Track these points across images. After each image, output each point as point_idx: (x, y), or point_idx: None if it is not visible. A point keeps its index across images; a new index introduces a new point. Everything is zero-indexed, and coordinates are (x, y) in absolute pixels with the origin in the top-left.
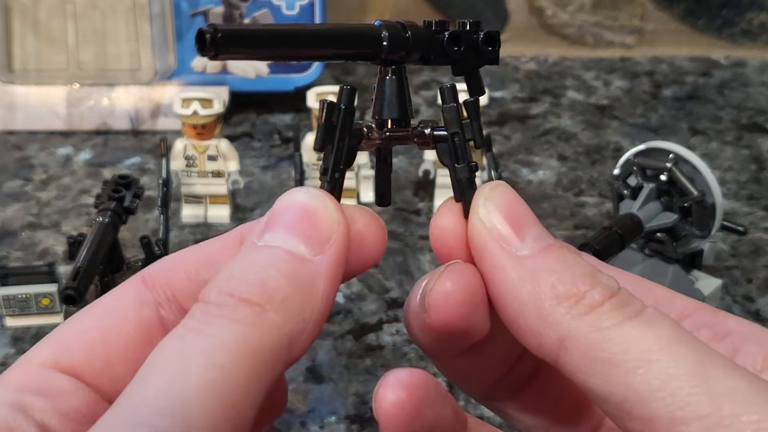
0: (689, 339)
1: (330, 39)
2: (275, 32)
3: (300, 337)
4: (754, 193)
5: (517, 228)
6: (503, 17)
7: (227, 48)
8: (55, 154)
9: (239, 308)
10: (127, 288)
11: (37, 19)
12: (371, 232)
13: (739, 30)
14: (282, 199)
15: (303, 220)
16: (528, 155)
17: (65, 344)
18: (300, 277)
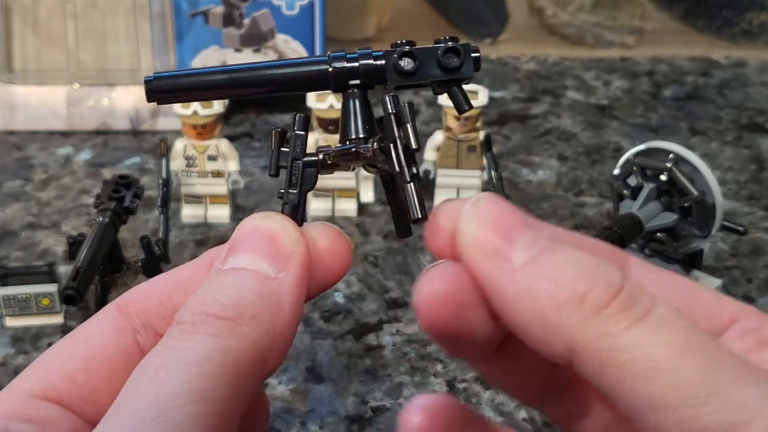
0: (702, 344)
1: (273, 82)
2: (207, 80)
3: (273, 349)
4: (754, 193)
5: (505, 239)
6: (503, 17)
7: (161, 95)
8: (55, 154)
9: (214, 324)
10: (104, 316)
11: (37, 19)
12: (336, 250)
13: (739, 30)
14: (242, 225)
15: (264, 242)
16: (528, 155)
17: (49, 373)
18: (267, 294)
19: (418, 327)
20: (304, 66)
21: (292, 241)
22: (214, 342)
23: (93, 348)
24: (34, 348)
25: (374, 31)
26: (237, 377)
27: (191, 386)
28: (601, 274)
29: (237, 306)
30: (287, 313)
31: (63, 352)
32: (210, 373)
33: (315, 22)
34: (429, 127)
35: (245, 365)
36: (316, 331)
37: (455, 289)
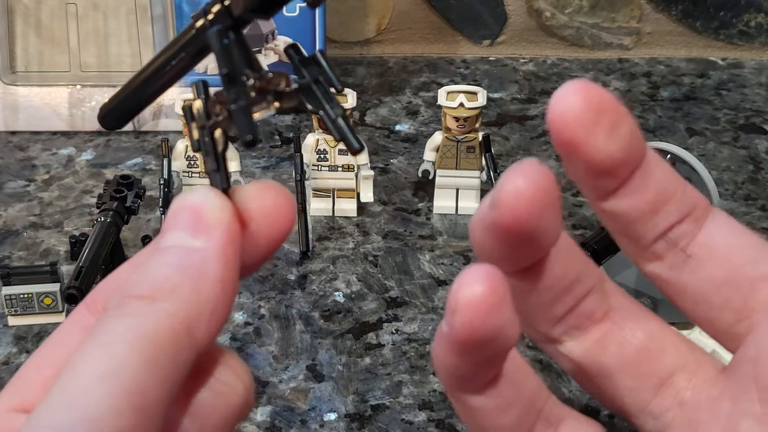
0: None
1: (167, 64)
2: (133, 91)
3: (199, 321)
4: (751, 194)
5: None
6: (502, 19)
7: (109, 121)
8: (58, 154)
9: (131, 304)
10: (73, 318)
11: (40, 21)
12: (271, 209)
13: (736, 32)
14: (173, 204)
15: (187, 215)
16: (526, 156)
17: (25, 385)
18: (188, 266)
19: (417, 327)
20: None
21: (215, 209)
22: (128, 321)
23: (64, 351)
24: (36, 347)
25: (374, 32)
26: (156, 353)
27: (100, 368)
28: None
29: (154, 282)
30: (212, 281)
31: (36, 360)
32: (122, 353)
33: (315, 23)
34: (428, 127)
35: (165, 341)
36: (316, 330)
37: (547, 188)
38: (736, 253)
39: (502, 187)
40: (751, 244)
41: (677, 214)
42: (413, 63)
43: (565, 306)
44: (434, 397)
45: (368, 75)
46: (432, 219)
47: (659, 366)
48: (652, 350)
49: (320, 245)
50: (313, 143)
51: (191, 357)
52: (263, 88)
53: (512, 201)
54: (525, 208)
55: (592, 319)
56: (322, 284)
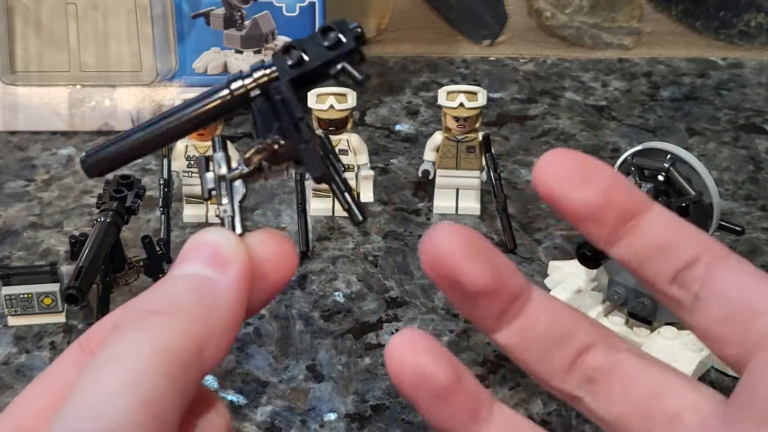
0: None
1: (190, 123)
2: (130, 145)
3: (209, 342)
4: (752, 193)
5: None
6: (502, 19)
7: (95, 169)
8: (57, 154)
9: (147, 319)
10: (67, 356)
11: (39, 21)
12: (278, 257)
13: (736, 31)
14: (191, 239)
15: (205, 250)
16: (526, 156)
17: (21, 413)
18: (204, 291)
19: (417, 326)
20: (209, 100)
21: (232, 247)
22: (145, 335)
23: (58, 384)
24: (36, 347)
25: (374, 32)
26: (170, 366)
27: (119, 379)
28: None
29: (170, 300)
30: (225, 308)
31: (31, 391)
32: (140, 366)
33: (315, 23)
34: (428, 127)
35: (178, 355)
36: (316, 330)
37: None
38: (736, 291)
39: (424, 242)
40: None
41: (684, 259)
42: (413, 63)
43: (564, 359)
44: None
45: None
46: (432, 219)
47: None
48: (658, 394)
49: (320, 245)
50: None
51: (199, 376)
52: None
53: (429, 256)
54: (441, 262)
55: (600, 372)
56: (322, 284)
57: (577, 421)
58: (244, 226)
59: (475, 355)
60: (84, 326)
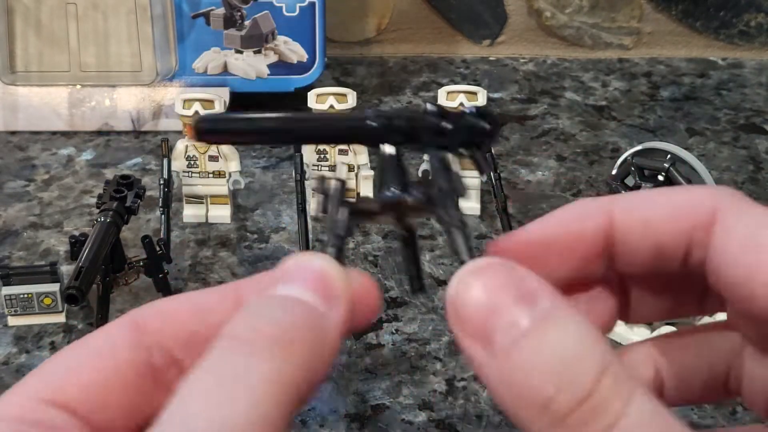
0: None
1: (320, 125)
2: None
3: (314, 380)
4: (752, 194)
5: (486, 323)
6: (502, 19)
7: (209, 136)
8: (57, 154)
9: (270, 345)
10: (119, 330)
11: (39, 21)
12: (369, 297)
13: (736, 32)
14: (295, 259)
15: (315, 278)
16: (526, 156)
17: (59, 382)
18: (316, 326)
19: (417, 327)
20: (346, 122)
21: (341, 281)
22: (272, 365)
23: (107, 361)
24: (36, 347)
25: (374, 32)
26: (288, 404)
27: (249, 406)
28: (572, 374)
29: (290, 331)
30: (329, 347)
31: (73, 360)
32: (267, 397)
33: (315, 23)
34: None
35: (294, 392)
36: None
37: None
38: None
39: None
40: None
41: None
42: (413, 63)
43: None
44: (434, 397)
45: (368, 75)
46: (432, 219)
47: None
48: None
49: (320, 245)
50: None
51: (295, 412)
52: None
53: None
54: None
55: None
56: None
57: None
58: (342, 258)
59: None
60: (84, 326)
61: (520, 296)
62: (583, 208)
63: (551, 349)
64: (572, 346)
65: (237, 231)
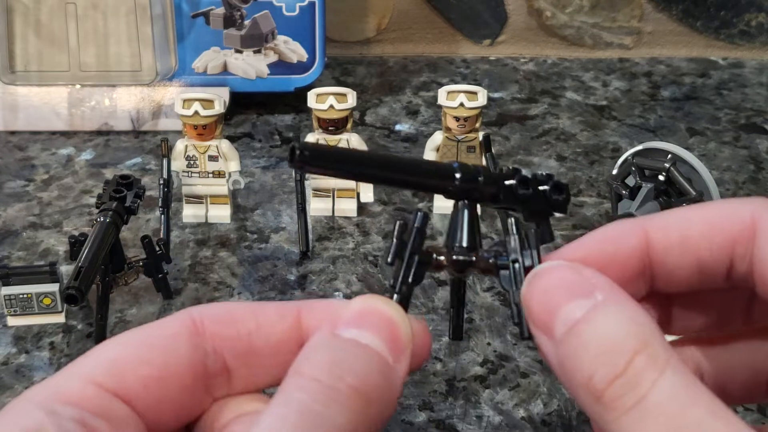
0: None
1: (409, 172)
2: (354, 157)
3: (380, 428)
4: (752, 193)
5: (548, 315)
6: (502, 18)
7: (310, 163)
8: (57, 154)
9: (350, 396)
10: (180, 328)
11: (39, 20)
12: (424, 342)
13: (737, 31)
14: (366, 302)
15: (386, 327)
16: (527, 155)
17: (122, 372)
18: (388, 380)
19: None
20: (433, 174)
21: (408, 333)
22: (351, 417)
23: (168, 358)
24: (35, 347)
25: (374, 32)
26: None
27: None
28: (610, 355)
29: (368, 384)
30: (394, 399)
31: (136, 353)
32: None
33: (315, 23)
34: (428, 127)
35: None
36: None
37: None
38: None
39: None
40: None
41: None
42: (413, 63)
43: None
44: (434, 397)
45: (368, 75)
46: (432, 219)
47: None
48: None
49: (320, 245)
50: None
51: None
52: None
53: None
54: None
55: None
56: (322, 284)
57: (577, 421)
58: (407, 307)
59: (475, 355)
60: (84, 326)
61: (577, 291)
62: (617, 230)
63: (596, 334)
64: (613, 330)
65: (237, 231)
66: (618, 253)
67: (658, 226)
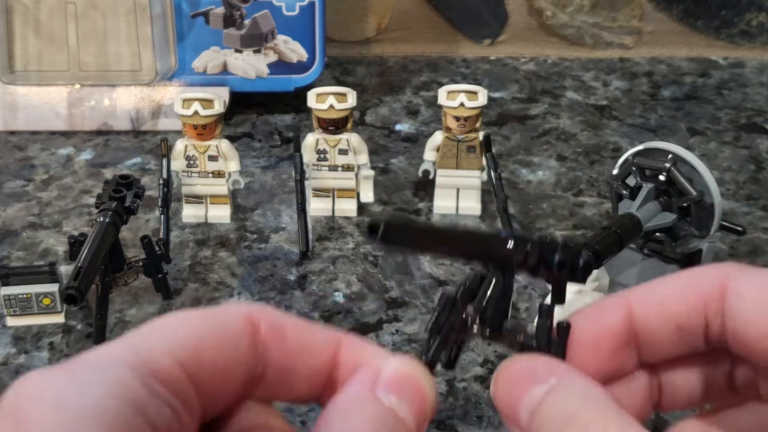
0: None
1: (469, 243)
2: (434, 235)
3: None
4: (753, 193)
5: (513, 407)
6: (502, 18)
7: (394, 241)
8: (57, 154)
9: None
10: (243, 325)
11: (39, 20)
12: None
13: (737, 31)
14: (406, 367)
15: (421, 404)
16: (527, 155)
17: (200, 358)
18: None
19: (417, 327)
20: (487, 244)
21: (432, 408)
22: None
23: (232, 353)
24: (35, 347)
25: (374, 32)
26: None
27: None
28: (567, 429)
29: None
30: None
31: (209, 340)
32: None
33: (315, 22)
34: (429, 127)
35: None
36: None
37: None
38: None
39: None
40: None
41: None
42: (413, 62)
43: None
44: None
45: (368, 75)
46: (432, 219)
47: None
48: None
49: (320, 245)
50: (313, 143)
51: None
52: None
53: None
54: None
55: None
56: (322, 284)
57: None
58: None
59: (475, 355)
60: (83, 326)
61: (535, 379)
62: (604, 306)
63: (553, 412)
64: (567, 406)
65: (236, 231)
66: (603, 327)
67: (638, 296)
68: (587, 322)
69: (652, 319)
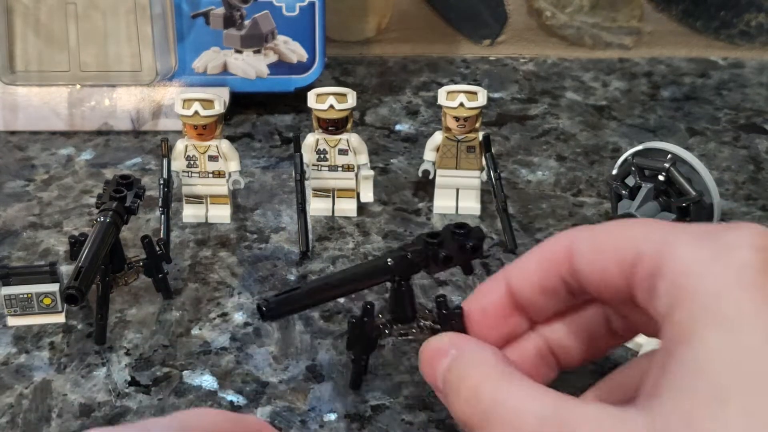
0: None
1: (353, 281)
2: (309, 293)
3: None
4: (752, 194)
5: (433, 378)
6: (502, 18)
7: (276, 314)
8: (57, 154)
9: None
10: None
11: (39, 21)
12: None
13: (737, 31)
14: None
15: None
16: (527, 155)
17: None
18: None
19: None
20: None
21: None
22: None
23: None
24: (35, 347)
25: (374, 32)
26: None
27: None
28: (466, 390)
29: None
30: None
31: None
32: None
33: (315, 23)
34: (428, 127)
35: None
36: (316, 331)
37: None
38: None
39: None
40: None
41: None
42: (413, 63)
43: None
44: (434, 397)
45: (368, 75)
46: (432, 219)
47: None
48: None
49: (320, 245)
50: (313, 143)
51: None
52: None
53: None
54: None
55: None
56: None
57: None
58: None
59: None
60: (84, 326)
61: (441, 353)
62: (483, 285)
63: (456, 378)
64: (464, 371)
65: (237, 231)
66: (488, 304)
67: (512, 272)
68: (474, 302)
69: (523, 287)
